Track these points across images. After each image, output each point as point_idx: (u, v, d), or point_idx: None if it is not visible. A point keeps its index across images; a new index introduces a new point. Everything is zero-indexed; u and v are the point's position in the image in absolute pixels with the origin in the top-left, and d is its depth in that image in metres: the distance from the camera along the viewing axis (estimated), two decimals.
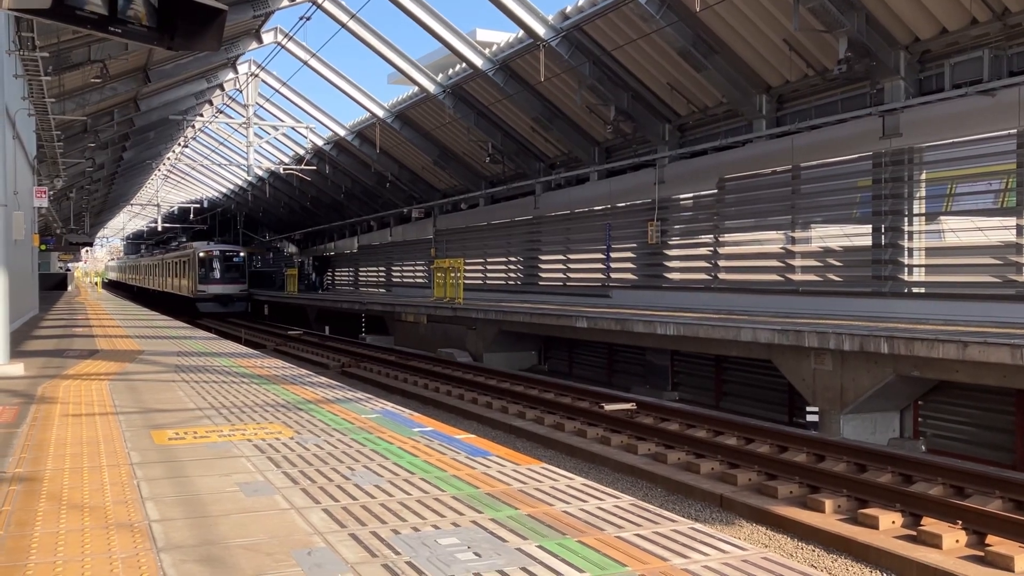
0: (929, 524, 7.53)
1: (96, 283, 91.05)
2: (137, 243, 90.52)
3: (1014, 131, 13.34)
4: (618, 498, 4.44)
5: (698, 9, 14.86)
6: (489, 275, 30.86)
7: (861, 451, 9.85)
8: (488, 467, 5.16)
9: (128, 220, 79.06)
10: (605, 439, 11.85)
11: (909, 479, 8.92)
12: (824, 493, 8.58)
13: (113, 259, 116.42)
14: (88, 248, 64.21)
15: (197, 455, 5.52)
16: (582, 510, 4.20)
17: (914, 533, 7.44)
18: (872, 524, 7.70)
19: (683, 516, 8.40)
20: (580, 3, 19.57)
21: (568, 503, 4.33)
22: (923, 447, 12.14)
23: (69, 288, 56.04)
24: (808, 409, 12.76)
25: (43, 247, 33.67)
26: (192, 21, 5.65)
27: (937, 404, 12.78)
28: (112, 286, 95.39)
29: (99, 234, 78.57)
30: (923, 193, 15.28)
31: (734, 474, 9.47)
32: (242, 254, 45.81)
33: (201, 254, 44.33)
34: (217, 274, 44.44)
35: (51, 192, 26.16)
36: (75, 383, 9.16)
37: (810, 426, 12.62)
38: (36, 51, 14.47)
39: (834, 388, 12.43)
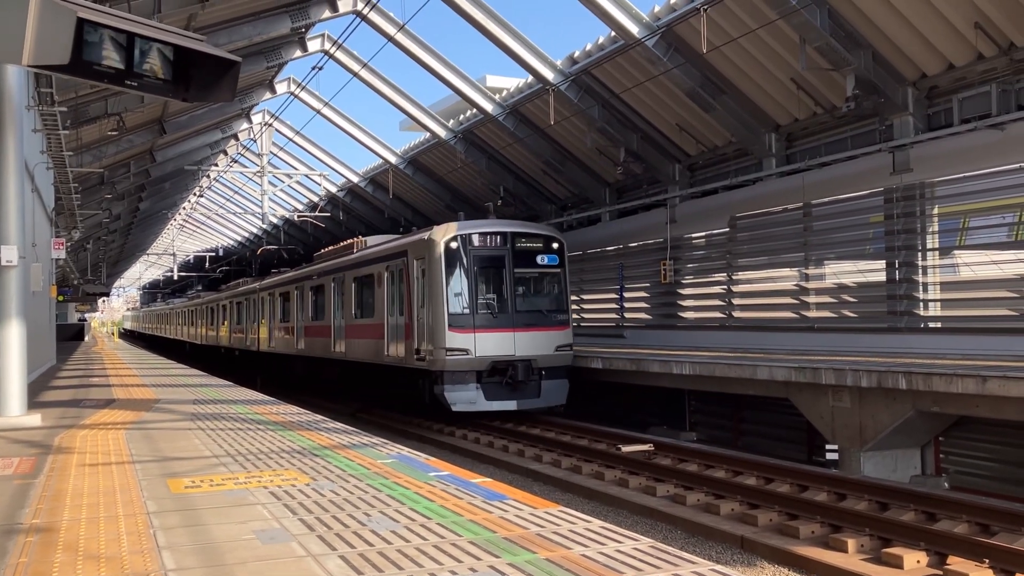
0: (955, 563, 7.39)
1: (113, 333, 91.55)
2: (153, 291, 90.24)
3: None
4: (637, 540, 4.39)
5: (704, 51, 15.02)
6: None
7: (883, 489, 9.71)
8: (505, 511, 5.12)
9: (144, 270, 79.75)
10: (623, 481, 11.73)
11: (933, 517, 8.78)
12: (846, 532, 8.44)
13: (130, 308, 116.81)
14: (105, 298, 64.68)
15: (213, 503, 5.50)
16: (601, 553, 4.16)
17: (940, 572, 7.30)
18: (897, 564, 7.57)
19: (704, 558, 8.28)
20: (588, 48, 19.82)
21: (587, 546, 4.29)
22: (946, 484, 11.96)
23: (86, 339, 56.37)
24: (827, 447, 12.62)
25: (60, 298, 33.96)
26: (206, 73, 5.77)
27: (958, 440, 12.61)
28: (138, 338, 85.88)
29: (115, 284, 79.23)
30: (936, 227, 15.25)
31: (754, 515, 9.34)
32: (556, 245, 17.38)
33: (449, 242, 16.34)
34: (507, 297, 16.72)
35: (68, 243, 26.50)
36: (92, 433, 9.18)
37: (830, 464, 12.47)
38: (55, 106, 14.76)
39: (853, 425, 12.29)
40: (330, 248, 25.99)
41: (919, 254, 15.27)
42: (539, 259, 17.02)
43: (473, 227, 16.73)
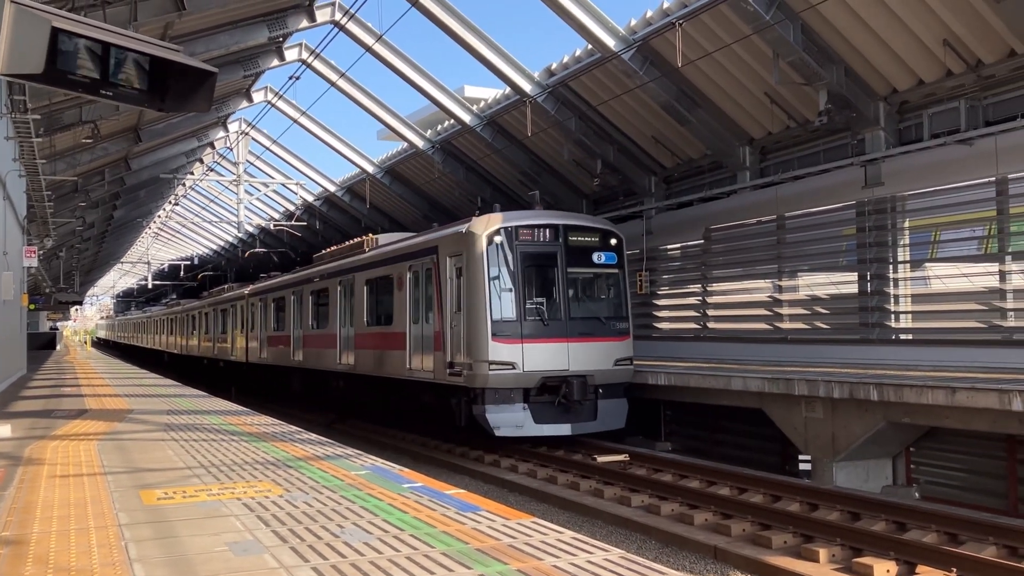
0: (924, 572, 7.50)
1: (85, 342, 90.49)
2: (127, 300, 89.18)
3: (993, 179, 13.57)
4: (608, 551, 4.43)
5: (680, 64, 15.16)
6: None
7: (854, 499, 9.82)
8: (478, 522, 5.14)
9: (118, 278, 78.95)
10: (598, 491, 11.77)
11: (903, 527, 8.89)
12: (818, 542, 8.53)
13: (103, 317, 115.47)
14: (78, 307, 64.00)
15: (186, 515, 5.48)
16: (572, 564, 4.19)
17: None
18: (867, 573, 7.66)
19: (677, 568, 8.34)
20: (565, 60, 19.94)
21: (558, 557, 4.32)
22: (916, 494, 12.10)
23: (58, 348, 55.70)
24: (800, 457, 12.73)
25: (32, 307, 33.55)
26: (182, 84, 5.76)
27: (929, 450, 12.77)
28: (112, 348, 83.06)
29: (89, 292, 78.39)
30: (907, 240, 15.46)
31: (728, 524, 9.41)
32: (614, 240, 15.16)
33: (493, 236, 14.02)
34: (559, 301, 14.44)
35: (41, 252, 26.24)
36: (63, 444, 9.09)
37: (803, 474, 12.58)
38: (28, 113, 14.65)
39: (825, 436, 12.42)
40: (334, 248, 23.58)
41: (890, 267, 15.47)
42: (595, 257, 14.85)
43: (520, 218, 14.66)
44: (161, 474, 7.09)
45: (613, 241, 15.07)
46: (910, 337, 15.14)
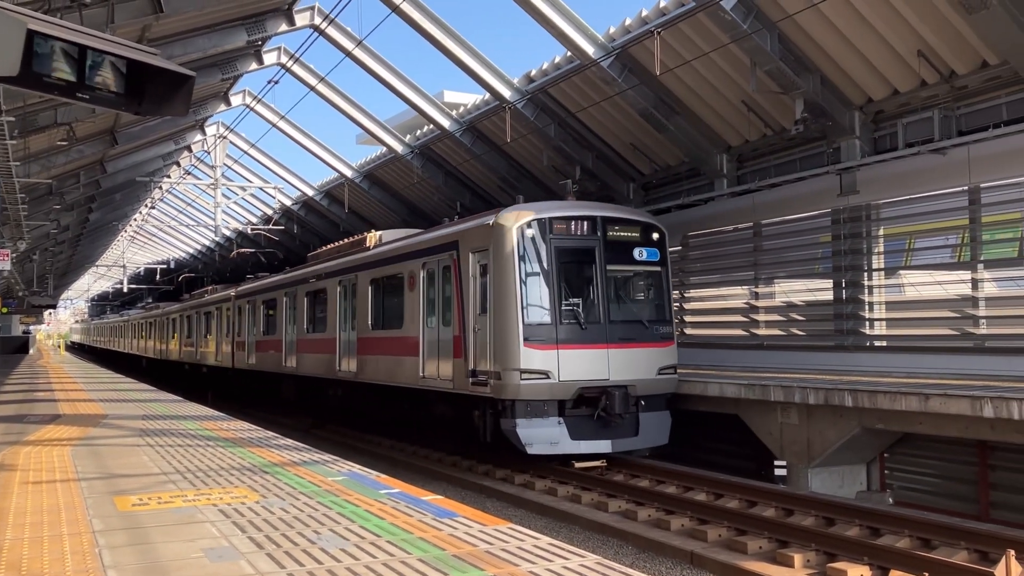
0: None
1: (59, 346, 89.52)
2: (102, 303, 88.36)
3: (965, 187, 13.76)
4: (584, 557, 4.45)
5: (658, 72, 15.25)
6: None
7: (829, 505, 9.92)
8: (455, 528, 5.15)
9: (93, 281, 78.20)
10: (576, 497, 11.80)
11: (877, 532, 8.98)
12: (793, 548, 8.60)
13: (78, 321, 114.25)
14: (51, 310, 63.32)
15: (161, 521, 5.44)
16: (548, 570, 4.21)
17: None
18: None
19: (654, 574, 8.38)
20: (544, 67, 20.01)
21: (534, 563, 4.33)
22: (890, 499, 12.22)
23: (31, 351, 55.05)
24: (776, 463, 12.83)
25: (4, 310, 33.17)
26: (160, 87, 5.73)
27: (903, 456, 12.91)
28: (87, 352, 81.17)
29: (63, 296, 77.55)
30: (882, 248, 15.63)
31: (704, 530, 9.47)
32: (656, 235, 13.94)
33: (525, 229, 12.88)
34: (597, 302, 13.20)
35: (14, 254, 25.93)
36: (36, 449, 9.00)
37: (778, 480, 12.67)
38: (1, 115, 14.48)
39: (801, 442, 12.52)
40: (331, 246, 22.34)
41: (865, 274, 15.64)
42: (636, 253, 13.53)
43: (554, 209, 13.38)
44: (136, 480, 7.04)
45: (655, 235, 13.81)
46: (884, 344, 15.30)
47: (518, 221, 12.80)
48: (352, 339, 18.33)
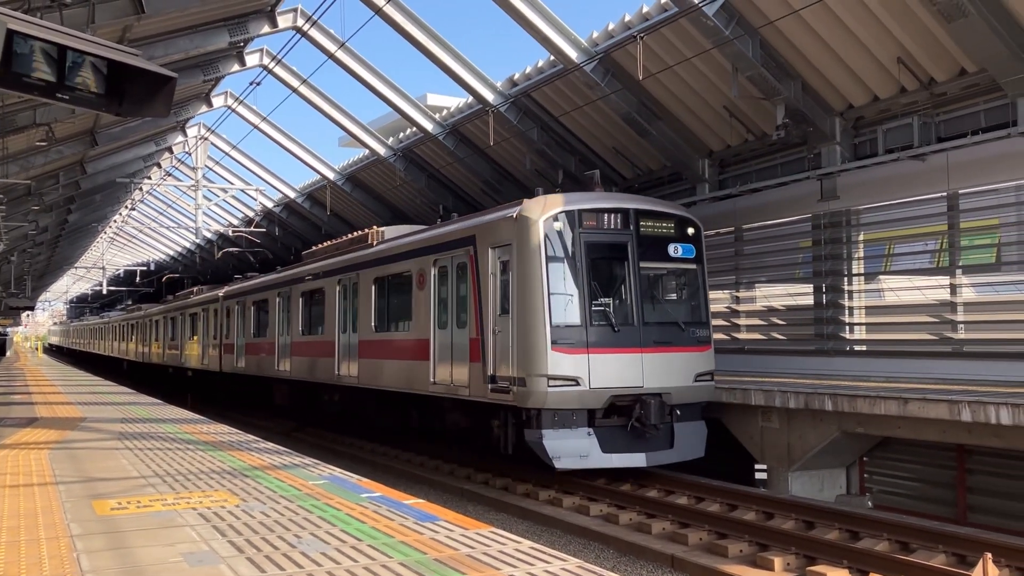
0: None
1: (37, 348, 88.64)
2: (81, 305, 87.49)
3: (944, 194, 13.89)
4: (565, 561, 4.46)
5: (641, 77, 15.30)
6: None
7: (809, 508, 9.97)
8: (436, 532, 5.14)
9: (72, 283, 77.47)
10: (557, 501, 11.80)
11: (856, 535, 9.04)
12: (774, 551, 8.64)
13: (56, 323, 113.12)
14: (29, 312, 62.71)
15: (140, 525, 5.40)
16: (529, 574, 4.21)
17: None
18: None
19: None
20: (528, 70, 20.04)
21: (516, 567, 4.33)
22: (870, 503, 12.31)
23: (8, 354, 54.49)
24: (756, 467, 12.88)
25: None
26: (141, 88, 5.70)
27: (882, 460, 13.00)
28: (65, 354, 79.77)
29: (41, 298, 76.78)
30: (861, 253, 15.75)
31: (685, 534, 9.50)
32: (692, 230, 13.00)
33: (552, 221, 12.06)
34: (631, 302, 12.26)
35: None
36: (13, 453, 8.91)
37: (759, 484, 12.73)
38: None
39: (781, 446, 12.59)
40: (329, 244, 21.23)
41: (845, 279, 15.75)
42: (671, 249, 12.55)
43: (583, 201, 12.46)
44: (115, 484, 6.98)
45: (691, 230, 12.85)
46: (864, 348, 15.41)
47: (545, 214, 11.93)
48: (353, 342, 17.40)
